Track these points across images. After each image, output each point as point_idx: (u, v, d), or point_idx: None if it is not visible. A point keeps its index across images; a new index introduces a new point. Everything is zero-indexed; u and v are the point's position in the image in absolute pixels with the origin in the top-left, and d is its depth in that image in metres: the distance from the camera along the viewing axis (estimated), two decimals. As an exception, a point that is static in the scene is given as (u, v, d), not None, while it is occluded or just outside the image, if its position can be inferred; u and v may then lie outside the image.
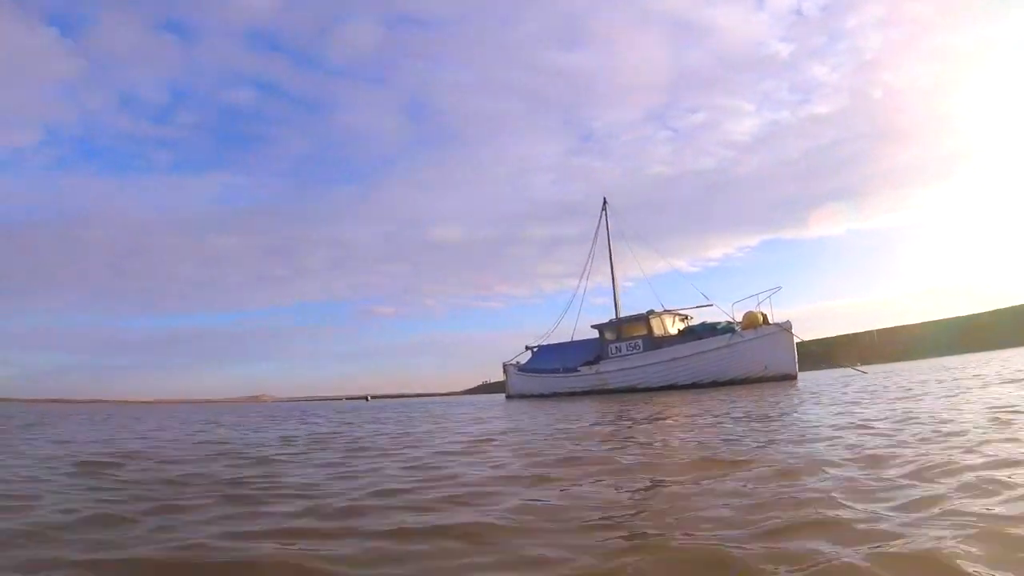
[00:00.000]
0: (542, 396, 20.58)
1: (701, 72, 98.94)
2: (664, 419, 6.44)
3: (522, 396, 21.61)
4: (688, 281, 56.65)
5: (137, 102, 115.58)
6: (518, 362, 22.82)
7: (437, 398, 52.90)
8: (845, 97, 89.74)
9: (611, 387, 19.32)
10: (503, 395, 23.96)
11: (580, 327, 21.78)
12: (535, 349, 22.44)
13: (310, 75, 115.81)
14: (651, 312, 19.53)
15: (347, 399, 68.95)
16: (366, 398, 58.14)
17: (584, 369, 19.89)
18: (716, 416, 6.08)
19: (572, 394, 19.74)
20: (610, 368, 19.44)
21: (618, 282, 21.93)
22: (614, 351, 19.57)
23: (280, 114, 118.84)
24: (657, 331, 19.26)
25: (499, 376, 24.19)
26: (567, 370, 20.22)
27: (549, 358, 21.29)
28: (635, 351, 19.19)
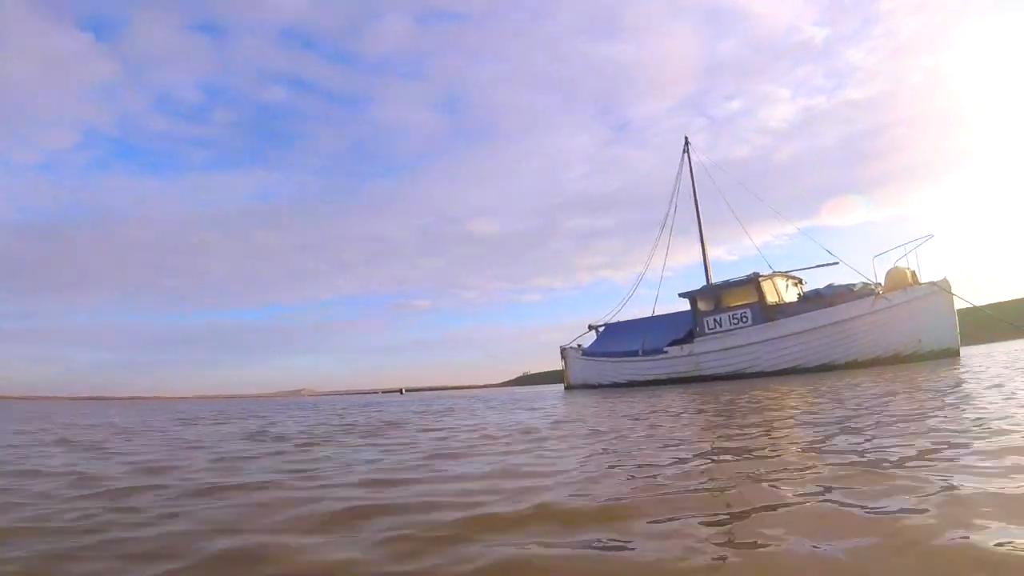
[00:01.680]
0: (615, 385, 16.14)
1: (735, 59, 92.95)
2: None
3: (586, 386, 17.24)
4: (810, 239, 42.80)
5: (172, 102, 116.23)
6: (580, 345, 18.41)
7: (478, 391, 49.12)
8: (882, 82, 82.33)
9: (709, 372, 14.70)
10: (542, 386, 19.70)
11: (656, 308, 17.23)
12: (601, 328, 17.96)
13: (344, 72, 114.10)
14: (758, 275, 14.80)
15: (382, 392, 66.51)
16: (400, 391, 55.33)
17: (672, 350, 15.31)
18: None
19: (654, 383, 15.25)
20: (708, 348, 14.80)
21: (706, 244, 17.18)
22: (712, 325, 14.91)
23: (315, 111, 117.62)
24: (770, 297, 14.52)
25: (539, 368, 20.06)
26: (649, 352, 15.68)
27: (622, 338, 16.76)
28: (741, 324, 14.50)
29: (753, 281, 14.55)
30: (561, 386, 24.48)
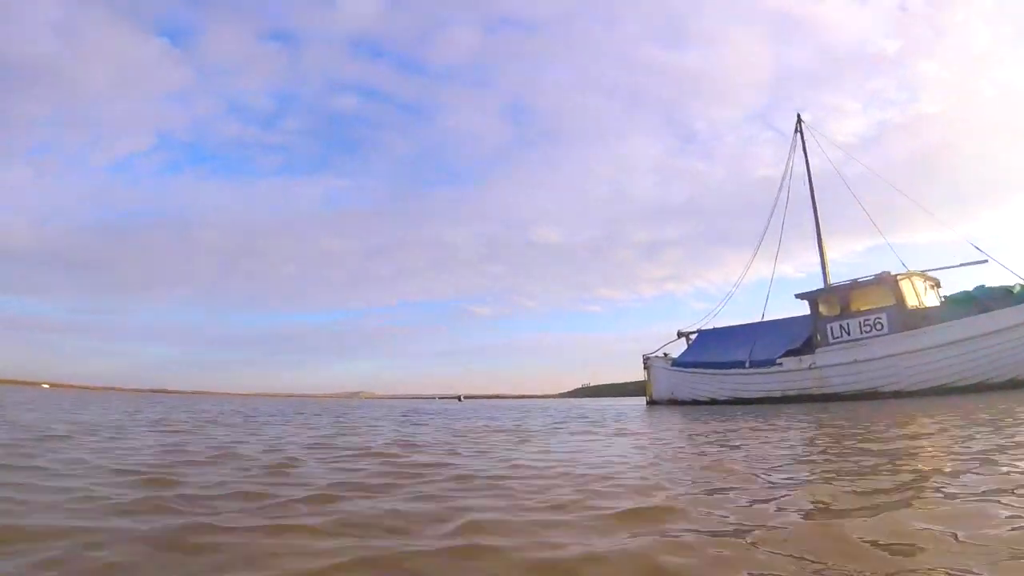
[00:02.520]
0: (713, 402, 14.05)
1: (805, 70, 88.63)
2: None
3: (673, 401, 15.19)
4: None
5: (245, 109, 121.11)
6: (667, 354, 16.38)
7: (537, 401, 47.35)
8: (955, 95, 76.99)
9: (835, 390, 12.40)
10: (607, 399, 17.72)
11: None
12: (694, 336, 15.86)
13: (412, 80, 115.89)
14: (890, 273, 12.44)
15: (439, 398, 65.83)
16: (459, 398, 54.46)
17: (788, 362, 13.08)
18: None
19: (764, 400, 13.07)
20: (834, 360, 12.50)
21: (823, 240, 14.81)
22: (838, 333, 12.62)
23: (384, 119, 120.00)
24: (911, 300, 12.13)
25: (598, 379, 18.08)
26: (758, 363, 13.49)
27: (722, 347, 14.60)
28: (875, 332, 12.16)
29: (889, 280, 12.19)
30: (634, 400, 22.43)
